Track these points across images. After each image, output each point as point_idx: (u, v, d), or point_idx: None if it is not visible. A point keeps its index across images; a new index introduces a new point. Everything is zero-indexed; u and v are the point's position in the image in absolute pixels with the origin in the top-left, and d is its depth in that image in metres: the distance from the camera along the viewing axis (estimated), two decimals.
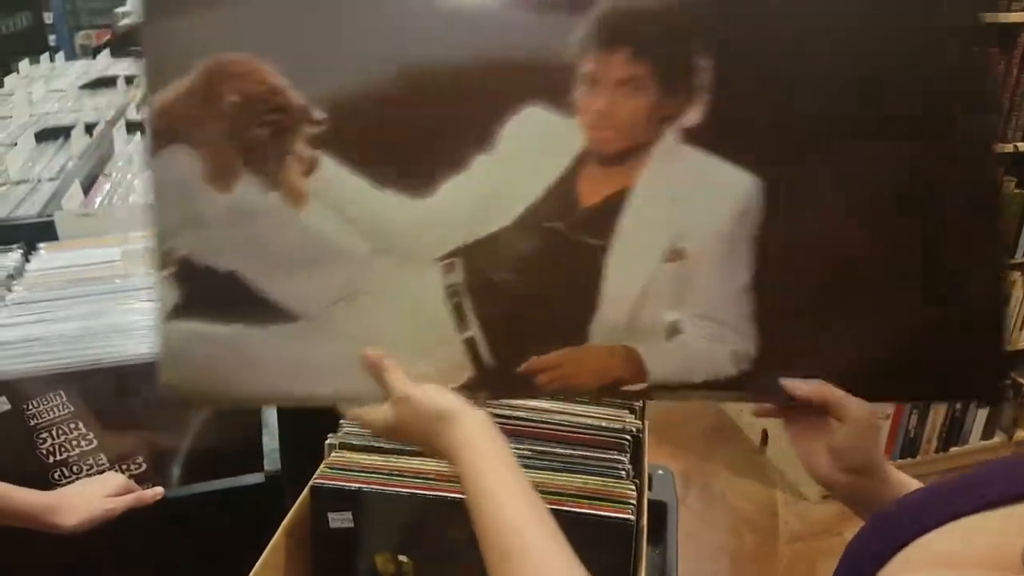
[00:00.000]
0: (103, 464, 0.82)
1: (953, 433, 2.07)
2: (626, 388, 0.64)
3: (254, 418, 0.84)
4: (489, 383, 0.63)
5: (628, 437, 0.75)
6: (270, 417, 0.84)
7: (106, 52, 2.66)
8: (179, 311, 0.62)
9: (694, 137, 0.59)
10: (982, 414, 2.07)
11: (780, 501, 2.01)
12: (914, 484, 0.60)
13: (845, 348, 0.61)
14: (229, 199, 0.61)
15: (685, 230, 0.61)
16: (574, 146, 0.60)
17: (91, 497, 0.74)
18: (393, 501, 0.68)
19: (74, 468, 0.82)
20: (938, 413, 1.99)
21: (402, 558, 0.71)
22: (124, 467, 0.83)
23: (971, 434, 2.08)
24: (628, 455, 0.74)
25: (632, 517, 0.68)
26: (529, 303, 0.63)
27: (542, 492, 0.54)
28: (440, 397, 0.58)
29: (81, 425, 0.80)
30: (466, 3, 0.60)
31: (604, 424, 0.75)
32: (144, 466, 0.83)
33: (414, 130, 0.61)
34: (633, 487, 0.71)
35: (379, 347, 0.61)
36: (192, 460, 0.84)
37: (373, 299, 0.62)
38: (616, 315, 0.62)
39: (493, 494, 0.52)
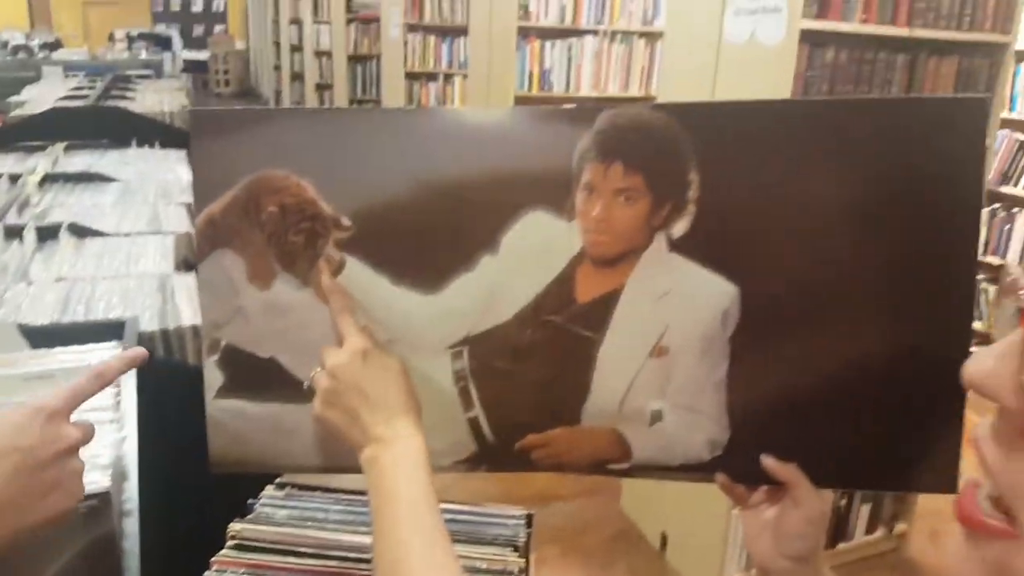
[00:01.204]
0: None
1: (840, 529, 2.13)
2: (612, 467, 0.71)
3: (111, 565, 0.78)
4: (489, 458, 0.71)
5: None
6: (132, 563, 0.79)
7: None
8: (224, 391, 0.71)
9: (680, 245, 0.66)
10: (865, 509, 2.14)
11: None
12: None
13: (809, 439, 0.66)
14: (268, 295, 0.69)
15: (670, 329, 0.68)
16: (572, 248, 0.67)
17: None
18: None
19: None
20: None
21: None
22: None
23: (856, 530, 2.15)
24: None
25: None
26: (528, 388, 0.70)
27: None
28: (392, 381, 0.63)
29: None
30: (476, 121, 0.68)
31: (484, 567, 0.74)
32: None
33: (427, 235, 0.68)
34: None
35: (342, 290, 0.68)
36: None
37: None
38: (606, 401, 0.69)
39: (398, 537, 0.55)
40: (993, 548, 0.30)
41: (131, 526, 0.81)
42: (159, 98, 3.59)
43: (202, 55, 12.37)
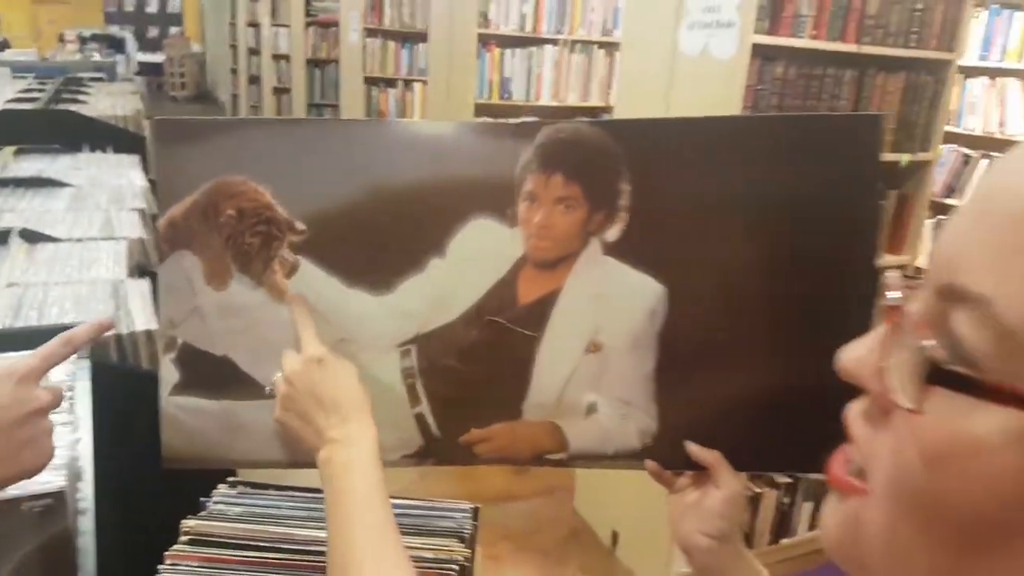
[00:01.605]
0: None
1: (783, 526, 2.20)
2: (550, 458, 0.75)
3: (67, 562, 0.80)
4: (436, 452, 0.75)
5: (455, 567, 0.77)
6: (87, 561, 0.80)
7: None
8: (179, 388, 0.73)
9: (613, 249, 0.71)
10: (808, 507, 2.22)
11: None
12: (762, 571, 0.68)
13: (730, 427, 0.72)
14: (224, 296, 0.72)
15: (603, 326, 0.73)
16: (514, 252, 0.72)
17: None
18: None
19: None
20: (768, 508, 2.12)
21: None
22: None
23: (799, 526, 2.23)
24: None
25: None
26: (472, 384, 0.73)
27: None
28: (345, 387, 0.66)
29: None
30: (426, 133, 0.73)
31: (431, 556, 0.77)
32: None
33: (379, 238, 0.72)
34: None
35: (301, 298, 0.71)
36: None
37: None
38: (545, 396, 0.74)
39: (350, 531, 0.59)
40: (851, 504, 0.34)
41: (86, 524, 0.83)
42: (112, 102, 3.53)
43: (157, 57, 12.16)
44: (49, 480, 0.80)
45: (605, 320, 0.72)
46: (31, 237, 1.58)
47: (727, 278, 0.71)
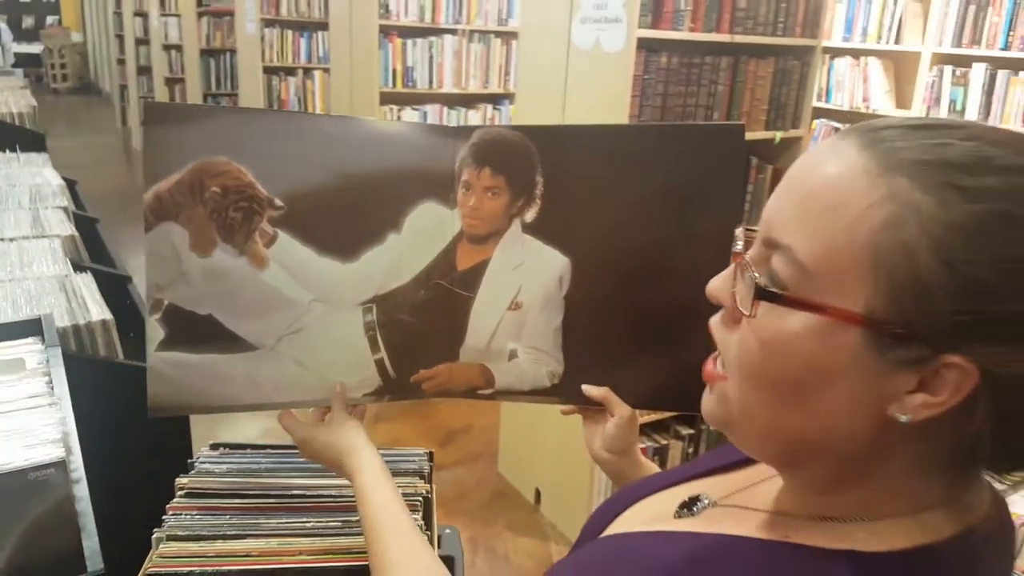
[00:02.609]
0: None
1: None
2: (480, 392, 0.92)
3: (71, 523, 0.89)
4: (391, 390, 0.90)
5: (420, 499, 0.92)
6: (87, 522, 0.90)
7: None
8: (164, 344, 0.82)
9: (531, 228, 0.89)
10: None
11: (554, 553, 2.25)
12: (656, 469, 0.86)
13: (622, 370, 0.89)
14: (208, 262, 0.83)
15: (522, 289, 0.90)
16: (454, 229, 0.89)
17: None
18: None
19: None
20: (674, 458, 2.35)
21: None
22: None
23: None
24: (420, 513, 0.91)
25: None
26: (420, 334, 0.89)
27: (349, 553, 0.76)
28: (340, 442, 0.81)
29: None
30: (386, 130, 0.88)
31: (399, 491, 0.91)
32: None
33: (346, 216, 0.85)
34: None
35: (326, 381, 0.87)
36: None
37: (311, 333, 0.86)
38: (477, 343, 0.91)
39: (373, 515, 0.75)
40: (718, 387, 0.52)
41: (82, 490, 0.92)
42: (3, 97, 3.42)
43: (34, 48, 11.51)
44: (49, 452, 0.90)
45: (524, 284, 0.90)
46: None
47: (620, 252, 0.88)
